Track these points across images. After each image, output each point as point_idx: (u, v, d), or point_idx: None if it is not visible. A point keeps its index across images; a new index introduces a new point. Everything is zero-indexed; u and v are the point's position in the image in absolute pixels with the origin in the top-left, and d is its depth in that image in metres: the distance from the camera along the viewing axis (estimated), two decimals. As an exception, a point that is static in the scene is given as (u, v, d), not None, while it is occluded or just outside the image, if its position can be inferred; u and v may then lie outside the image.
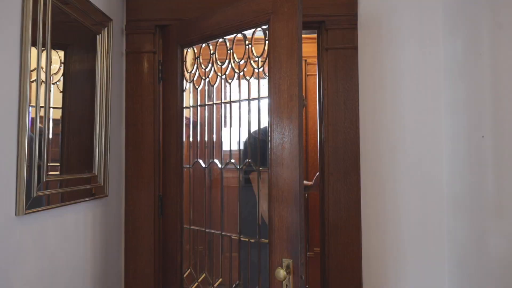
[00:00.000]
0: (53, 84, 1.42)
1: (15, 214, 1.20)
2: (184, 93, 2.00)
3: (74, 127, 1.59)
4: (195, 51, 1.98)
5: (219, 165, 1.91)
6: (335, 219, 1.91)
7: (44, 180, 1.32)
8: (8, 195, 1.18)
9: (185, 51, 1.99)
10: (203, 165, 1.98)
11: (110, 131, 1.80)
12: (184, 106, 2.00)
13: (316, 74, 3.00)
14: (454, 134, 1.83)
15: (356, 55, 1.95)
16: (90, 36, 1.69)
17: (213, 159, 1.94)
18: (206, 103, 1.98)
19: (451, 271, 1.85)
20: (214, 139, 1.95)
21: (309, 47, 3.36)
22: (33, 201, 1.26)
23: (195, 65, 1.99)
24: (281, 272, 1.36)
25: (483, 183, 1.60)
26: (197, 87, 2.00)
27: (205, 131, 1.98)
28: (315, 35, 2.10)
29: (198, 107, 2.01)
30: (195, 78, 2.00)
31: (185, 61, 2.01)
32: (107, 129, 1.77)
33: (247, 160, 1.81)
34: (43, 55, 1.31)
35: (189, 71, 2.01)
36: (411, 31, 1.96)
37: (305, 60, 3.43)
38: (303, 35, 1.51)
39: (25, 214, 1.22)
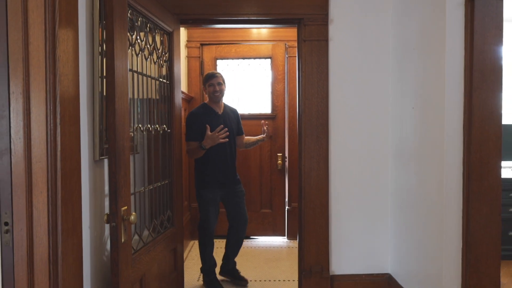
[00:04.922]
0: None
1: (93, 159, 1.76)
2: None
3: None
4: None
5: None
6: (309, 170, 2.56)
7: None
8: (92, 147, 1.74)
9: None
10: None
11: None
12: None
13: (295, 56, 3.56)
14: (396, 106, 2.48)
15: (327, 45, 2.55)
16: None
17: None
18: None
19: (391, 200, 2.55)
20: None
21: (291, 32, 3.93)
22: (102, 151, 1.82)
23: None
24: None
25: (410, 138, 2.27)
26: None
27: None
28: (296, 27, 2.67)
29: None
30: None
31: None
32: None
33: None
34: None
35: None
36: (368, 26, 2.56)
37: (286, 44, 3.99)
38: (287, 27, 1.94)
39: (99, 159, 1.79)
